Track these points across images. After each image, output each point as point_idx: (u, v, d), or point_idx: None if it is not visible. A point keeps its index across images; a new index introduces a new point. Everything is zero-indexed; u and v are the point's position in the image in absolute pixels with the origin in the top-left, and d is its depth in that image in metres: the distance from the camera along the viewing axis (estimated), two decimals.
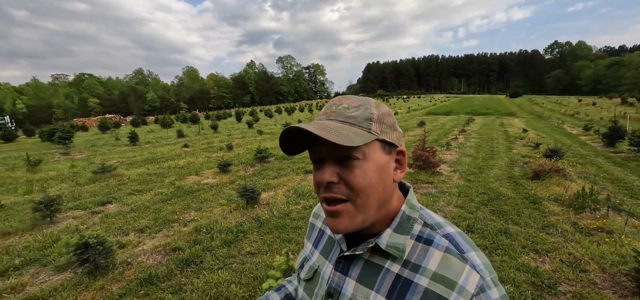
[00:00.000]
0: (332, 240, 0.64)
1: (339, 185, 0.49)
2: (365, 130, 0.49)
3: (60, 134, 12.19)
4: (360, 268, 0.55)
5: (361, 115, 0.50)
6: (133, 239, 3.77)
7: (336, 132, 0.46)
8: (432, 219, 0.55)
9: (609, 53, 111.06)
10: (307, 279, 0.65)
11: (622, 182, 5.56)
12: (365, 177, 0.48)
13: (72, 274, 3.00)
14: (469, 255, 0.49)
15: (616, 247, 3.05)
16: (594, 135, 11.40)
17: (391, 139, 0.52)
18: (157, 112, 79.69)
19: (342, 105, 0.52)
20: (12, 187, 6.59)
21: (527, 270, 2.77)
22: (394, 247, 0.52)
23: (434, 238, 0.52)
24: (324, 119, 0.52)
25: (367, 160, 0.49)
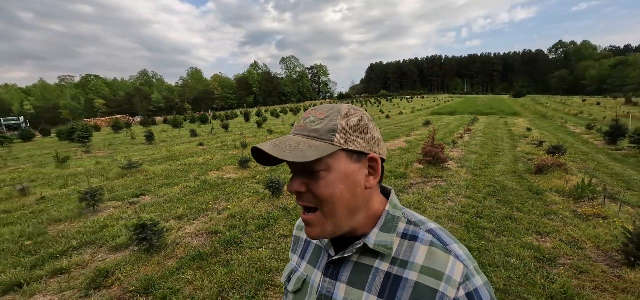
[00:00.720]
0: (319, 248, 0.64)
1: (307, 194, 0.52)
2: (326, 142, 0.50)
3: (80, 133, 12.73)
4: (350, 270, 0.56)
5: (324, 127, 0.51)
6: (174, 225, 4.21)
7: (291, 149, 0.48)
8: (414, 216, 0.57)
9: (613, 52, 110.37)
10: (295, 290, 0.65)
11: (621, 176, 5.91)
12: (328, 187, 0.50)
13: (130, 252, 3.43)
14: (452, 246, 0.51)
15: (610, 229, 3.43)
16: (596, 133, 11.71)
17: (358, 147, 0.52)
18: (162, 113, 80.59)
19: (309, 118, 0.54)
20: (47, 181, 7.07)
21: (531, 248, 3.16)
22: (382, 244, 0.53)
23: (418, 234, 0.54)
24: (291, 133, 0.54)
25: (332, 170, 0.50)
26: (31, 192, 6.14)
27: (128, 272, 2.99)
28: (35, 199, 5.72)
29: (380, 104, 54.98)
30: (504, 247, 3.21)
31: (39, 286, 2.88)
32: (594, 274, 2.65)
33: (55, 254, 3.51)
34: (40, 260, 3.36)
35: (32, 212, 5.02)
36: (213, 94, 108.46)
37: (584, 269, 2.75)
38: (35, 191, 6.19)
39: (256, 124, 18.70)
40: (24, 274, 3.06)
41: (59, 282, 2.94)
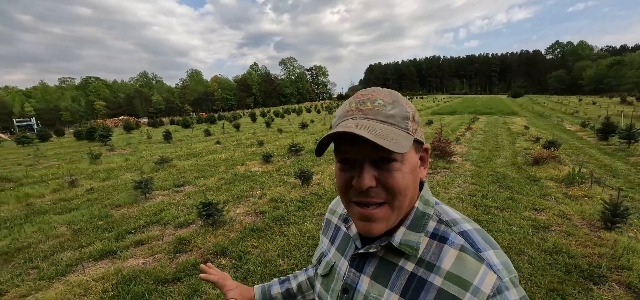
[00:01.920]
0: (347, 237, 0.63)
1: (376, 189, 0.47)
2: (404, 131, 0.47)
3: (101, 133, 13.39)
4: (375, 265, 0.54)
5: (399, 114, 0.48)
6: (222, 208, 4.89)
7: (385, 137, 0.44)
8: (448, 215, 0.53)
9: (610, 53, 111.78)
10: (324, 274, 0.65)
11: (609, 167, 6.63)
12: (404, 179, 0.47)
13: (196, 227, 4.11)
14: (486, 254, 0.47)
15: (594, 205, 4.14)
16: (590, 131, 12.46)
17: (420, 137, 0.51)
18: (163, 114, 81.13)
19: (377, 101, 0.49)
20: (87, 175, 7.72)
21: (529, 219, 3.87)
22: (408, 245, 0.50)
23: (449, 236, 0.50)
24: (360, 117, 0.48)
25: (405, 162, 0.48)
26: (79, 184, 6.80)
27: (202, 241, 3.67)
28: (84, 190, 6.39)
29: None
30: (507, 219, 3.91)
31: (128, 253, 3.55)
32: (578, 236, 3.36)
33: (129, 230, 4.18)
34: (119, 235, 4.04)
35: (89, 200, 5.70)
36: (213, 95, 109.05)
37: (571, 233, 3.45)
38: (82, 183, 6.86)
39: (265, 124, 19.39)
40: (112, 245, 3.73)
41: (145, 249, 3.62)
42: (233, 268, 3.06)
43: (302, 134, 14.75)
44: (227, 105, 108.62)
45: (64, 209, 5.29)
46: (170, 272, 3.01)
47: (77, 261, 3.39)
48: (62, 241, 3.96)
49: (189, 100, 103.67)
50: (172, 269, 3.08)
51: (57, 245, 3.85)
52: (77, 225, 4.43)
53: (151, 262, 3.28)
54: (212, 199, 4.18)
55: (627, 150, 8.23)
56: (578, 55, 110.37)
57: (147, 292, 2.70)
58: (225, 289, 0.82)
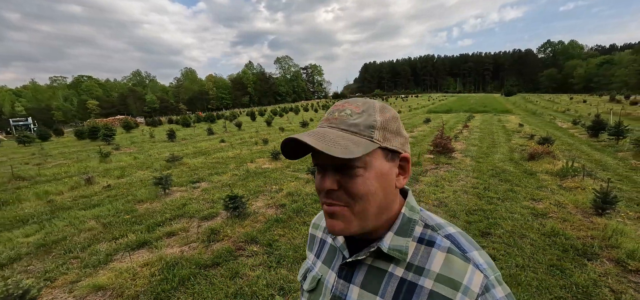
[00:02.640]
0: (334, 249, 0.63)
1: (338, 192, 0.50)
2: (366, 139, 0.49)
3: (105, 132, 13.51)
4: (364, 274, 0.54)
5: (363, 122, 0.50)
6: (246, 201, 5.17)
7: (335, 143, 0.46)
8: (433, 220, 0.55)
9: (600, 52, 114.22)
10: (310, 289, 0.64)
11: (599, 162, 7.09)
12: (365, 185, 0.48)
13: (222, 218, 4.40)
14: (472, 254, 0.49)
15: (586, 195, 4.54)
16: (581, 128, 13.01)
17: (394, 146, 0.51)
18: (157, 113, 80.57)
19: (344, 111, 0.52)
20: (100, 173, 7.92)
21: (528, 208, 4.25)
22: (397, 249, 0.52)
23: (436, 239, 0.52)
24: (325, 126, 0.51)
25: (369, 168, 0.49)
26: (95, 181, 7.01)
27: (231, 231, 3.96)
28: (101, 187, 6.61)
29: None
30: (508, 208, 4.29)
31: (163, 243, 3.82)
32: (573, 221, 3.74)
33: (158, 223, 4.44)
34: (149, 228, 4.30)
35: (109, 197, 5.92)
36: (208, 94, 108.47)
37: (566, 219, 3.84)
38: (98, 181, 7.07)
39: (266, 122, 19.64)
40: (145, 236, 4.00)
41: (178, 239, 3.90)
42: (265, 254, 3.37)
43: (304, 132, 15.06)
44: (222, 104, 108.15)
45: (86, 204, 5.52)
46: (208, 258, 3.30)
47: (115, 251, 3.65)
48: (94, 234, 4.21)
49: (183, 99, 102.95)
50: (209, 255, 3.37)
51: (91, 237, 4.10)
52: (106, 220, 4.68)
53: (187, 250, 3.57)
54: (237, 193, 4.47)
55: (616, 146, 8.73)
56: (569, 55, 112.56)
57: (192, 275, 2.99)
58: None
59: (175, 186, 6.32)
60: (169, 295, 2.69)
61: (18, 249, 3.84)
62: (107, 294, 2.78)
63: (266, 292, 2.64)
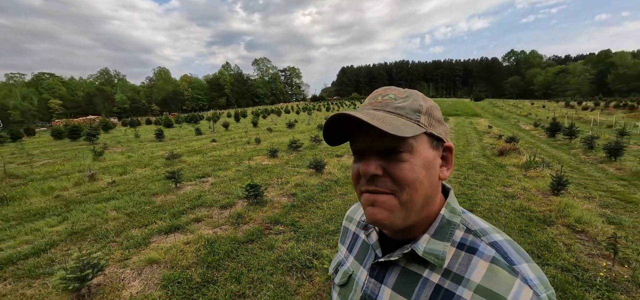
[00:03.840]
0: (366, 245, 0.61)
1: (383, 178, 0.47)
2: (413, 122, 0.47)
3: (89, 131, 13.22)
4: (397, 276, 0.51)
5: (409, 106, 0.48)
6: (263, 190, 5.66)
7: (385, 122, 0.44)
8: (477, 224, 0.51)
9: (556, 61, 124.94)
10: (341, 284, 0.63)
11: (555, 157, 8.33)
12: (412, 171, 0.46)
13: (241, 206, 4.88)
14: (521, 267, 0.44)
15: (545, 182, 5.54)
16: (541, 129, 14.70)
17: (439, 133, 0.49)
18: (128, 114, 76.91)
19: (388, 95, 0.50)
20: (99, 171, 7.99)
21: (501, 192, 5.16)
22: (432, 254, 0.48)
23: (479, 246, 0.47)
24: (369, 109, 0.49)
25: (415, 154, 0.46)
26: (98, 178, 7.13)
27: (255, 215, 4.47)
28: (106, 183, 6.77)
29: (356, 106, 57.73)
30: (485, 192, 5.17)
31: (194, 227, 4.25)
32: (535, 200, 4.67)
33: (180, 212, 4.83)
34: (174, 215, 4.69)
35: (118, 191, 6.15)
36: (183, 95, 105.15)
37: (530, 198, 4.76)
38: (100, 178, 7.19)
39: (252, 123, 19.88)
40: (174, 222, 4.39)
41: (207, 223, 4.34)
42: (291, 230, 3.93)
43: (292, 133, 15.56)
44: (198, 105, 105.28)
45: (98, 198, 5.72)
46: (242, 236, 3.80)
47: (149, 235, 4.02)
48: (121, 222, 4.52)
49: (156, 99, 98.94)
50: (242, 234, 3.87)
51: (119, 225, 4.42)
52: (127, 210, 4.98)
53: (220, 231, 4.03)
54: (256, 182, 4.97)
55: (569, 144, 10.16)
56: (530, 63, 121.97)
57: (233, 249, 3.49)
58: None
59: (184, 181, 6.64)
60: (219, 264, 3.18)
61: (50, 237, 4.09)
62: (161, 266, 3.21)
63: (303, 257, 3.22)
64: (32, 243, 3.94)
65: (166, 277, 2.93)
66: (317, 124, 19.31)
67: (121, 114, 77.42)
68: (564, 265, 2.89)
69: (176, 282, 2.85)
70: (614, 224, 3.79)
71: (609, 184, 5.75)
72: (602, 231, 3.51)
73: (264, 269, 3.02)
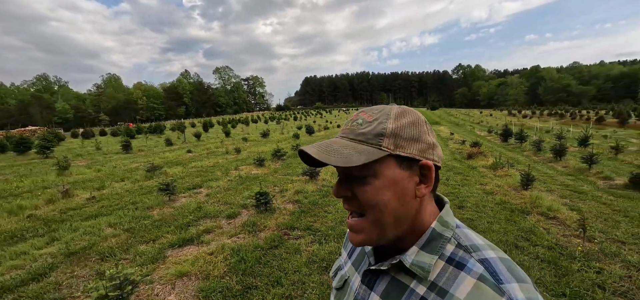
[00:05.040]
0: (363, 252, 0.63)
1: (353, 200, 0.51)
2: (373, 147, 0.48)
3: (42, 143, 11.92)
4: (386, 284, 0.53)
5: (372, 131, 0.50)
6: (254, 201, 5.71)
7: (337, 153, 0.47)
8: (469, 240, 0.51)
9: (497, 75, 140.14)
10: (337, 287, 0.66)
11: (513, 158, 9.59)
12: (376, 194, 0.48)
13: (249, 214, 4.93)
14: (509, 286, 0.42)
15: (514, 179, 6.44)
16: (495, 135, 16.57)
17: (408, 153, 0.49)
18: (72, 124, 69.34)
19: (357, 121, 0.53)
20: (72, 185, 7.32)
21: (480, 190, 5.90)
22: (418, 266, 0.49)
23: (467, 262, 0.47)
24: (338, 136, 0.53)
25: (379, 177, 0.48)
26: (73, 193, 6.57)
27: (268, 222, 4.56)
28: (84, 199, 6.29)
29: (323, 115, 58.82)
30: (468, 190, 5.86)
31: (208, 238, 4.22)
32: (510, 195, 5.44)
33: (184, 225, 4.72)
34: (179, 229, 4.57)
35: (103, 207, 5.76)
36: (136, 103, 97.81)
37: (506, 193, 5.53)
38: (76, 193, 6.63)
39: (224, 133, 19.37)
40: (183, 235, 4.30)
41: (220, 234, 4.34)
42: (309, 234, 4.12)
43: (267, 142, 15.55)
44: (153, 115, 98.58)
45: (83, 215, 5.32)
46: (263, 243, 3.89)
47: (160, 250, 3.91)
48: (124, 239, 4.31)
49: (105, 108, 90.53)
50: (263, 241, 3.96)
51: (123, 242, 4.21)
52: (125, 226, 4.73)
53: (239, 240, 4.07)
54: (266, 190, 5.06)
55: (521, 147, 11.69)
56: (475, 76, 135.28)
57: (261, 256, 3.58)
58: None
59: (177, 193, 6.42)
60: (252, 271, 3.26)
61: (44, 260, 3.79)
62: (193, 278, 3.19)
63: (331, 257, 3.44)
64: (24, 268, 3.61)
65: (203, 289, 2.94)
66: (292, 133, 19.46)
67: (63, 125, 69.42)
68: (548, 244, 3.52)
69: (217, 291, 2.89)
70: (575, 210, 4.62)
71: (561, 179, 6.86)
72: (569, 216, 4.28)
73: (300, 271, 3.19)
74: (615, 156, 9.38)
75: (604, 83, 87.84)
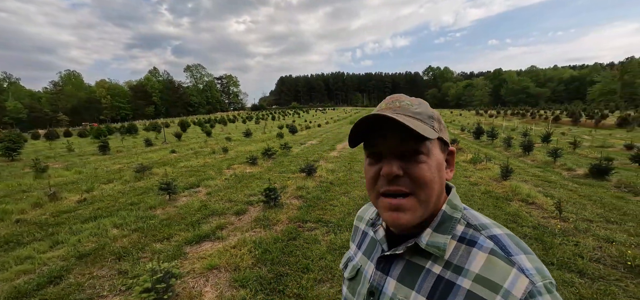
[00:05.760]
0: (374, 241, 0.65)
1: (403, 179, 0.50)
2: (430, 127, 0.51)
3: (8, 145, 11.05)
4: (401, 268, 0.55)
5: (425, 112, 0.53)
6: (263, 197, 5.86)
7: (413, 124, 0.48)
8: (477, 219, 0.55)
9: (464, 77, 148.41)
10: (350, 277, 0.67)
11: (487, 153, 10.46)
12: (430, 172, 0.50)
13: (259, 210, 5.08)
14: (518, 258, 0.47)
15: (493, 171, 7.14)
16: (468, 133, 17.79)
17: (446, 138, 0.55)
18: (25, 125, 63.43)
19: (404, 102, 0.54)
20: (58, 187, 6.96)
21: (466, 182, 6.50)
22: (434, 246, 0.52)
23: (478, 239, 0.51)
24: (391, 113, 0.50)
25: (430, 156, 0.51)
26: (60, 196, 6.29)
27: (280, 217, 4.75)
28: (74, 202, 6.06)
29: (301, 115, 58.90)
30: (455, 183, 6.42)
31: (222, 234, 4.32)
32: (493, 185, 6.08)
33: (196, 221, 4.78)
34: (190, 227, 4.63)
35: (100, 209, 5.60)
36: (100, 103, 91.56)
37: (489, 184, 6.16)
38: (62, 196, 6.34)
39: (206, 133, 18.93)
40: (197, 232, 4.35)
41: (234, 229, 4.46)
42: (322, 226, 4.38)
43: (252, 142, 15.48)
44: (119, 114, 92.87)
45: (80, 218, 5.15)
46: (281, 235, 4.09)
47: (177, 247, 3.97)
48: (135, 239, 4.28)
49: (64, 107, 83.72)
50: (280, 234, 4.15)
51: (134, 242, 4.19)
52: (132, 226, 4.69)
53: (254, 234, 4.23)
54: (275, 185, 5.22)
55: (493, 144, 12.75)
56: (444, 78, 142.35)
57: (283, 246, 3.78)
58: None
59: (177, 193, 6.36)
60: (279, 260, 3.45)
61: (55, 263, 3.71)
62: (223, 271, 3.32)
63: (349, 245, 3.73)
64: (34, 272, 3.52)
65: (236, 279, 3.09)
66: (276, 132, 19.48)
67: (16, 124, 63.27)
68: (533, 224, 4.08)
69: (252, 279, 3.06)
70: (548, 196, 5.30)
71: (532, 170, 7.70)
72: (545, 202, 4.93)
73: (324, 257, 3.45)
74: (574, 150, 10.60)
75: (558, 85, 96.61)
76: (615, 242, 3.51)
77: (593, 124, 22.75)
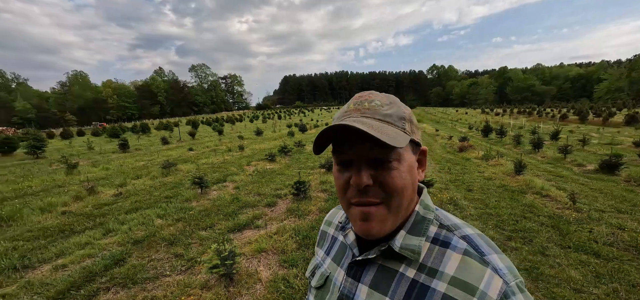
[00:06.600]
0: (344, 246, 0.62)
1: (374, 188, 0.48)
2: (401, 130, 0.49)
3: (33, 143, 11.56)
4: (374, 273, 0.53)
5: (395, 113, 0.50)
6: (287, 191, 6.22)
7: (382, 132, 0.45)
8: (449, 220, 0.54)
9: (469, 75, 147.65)
10: (318, 286, 0.64)
11: (498, 151, 10.70)
12: (401, 178, 0.48)
13: (288, 202, 5.45)
14: (491, 257, 0.47)
15: (506, 167, 7.43)
16: (476, 132, 18.02)
17: (418, 138, 0.52)
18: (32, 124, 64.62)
19: (374, 102, 0.51)
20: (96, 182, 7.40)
21: (480, 176, 6.81)
22: (409, 248, 0.50)
23: (451, 240, 0.50)
24: (357, 115, 0.49)
25: (402, 161, 0.48)
26: (97, 190, 6.71)
27: (311, 208, 5.11)
28: (110, 196, 6.48)
29: (306, 114, 59.24)
30: (470, 177, 6.75)
31: (262, 222, 4.68)
32: (507, 180, 6.38)
33: (232, 212, 5.15)
34: (229, 216, 5.00)
35: (138, 201, 6.01)
36: (107, 102, 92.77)
37: (503, 179, 6.47)
38: (99, 190, 6.76)
39: (217, 132, 19.38)
40: (236, 222, 4.71)
41: (270, 218, 4.83)
42: None
43: (265, 140, 15.87)
44: (125, 114, 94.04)
45: (121, 209, 5.55)
46: (313, 224, 4.45)
47: (221, 234, 4.35)
48: (180, 227, 4.65)
49: (72, 108, 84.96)
50: (315, 222, 4.51)
51: (180, 229, 4.57)
52: (175, 216, 5.09)
53: (290, 223, 4.59)
54: (303, 179, 5.59)
55: (502, 141, 13.00)
56: (448, 76, 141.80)
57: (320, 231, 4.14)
58: None
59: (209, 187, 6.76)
60: None
61: (114, 248, 4.09)
62: (270, 253, 3.69)
63: None
64: (97, 256, 3.89)
65: (285, 260, 3.46)
66: (286, 131, 19.86)
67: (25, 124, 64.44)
68: (548, 214, 4.40)
69: (300, 259, 3.42)
70: (562, 190, 5.60)
71: (543, 166, 7.98)
72: (558, 194, 5.23)
73: None
74: (583, 147, 10.83)
75: (564, 83, 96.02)
76: (626, 229, 3.83)
77: (601, 121, 22.81)
